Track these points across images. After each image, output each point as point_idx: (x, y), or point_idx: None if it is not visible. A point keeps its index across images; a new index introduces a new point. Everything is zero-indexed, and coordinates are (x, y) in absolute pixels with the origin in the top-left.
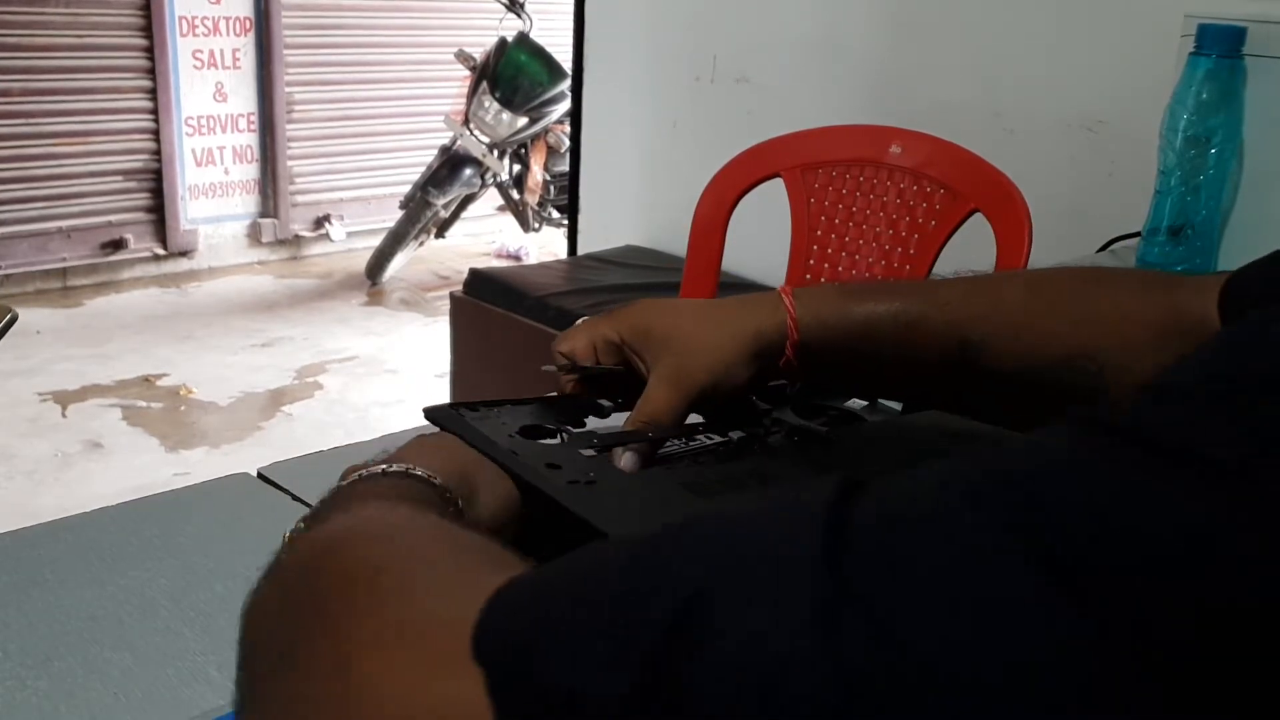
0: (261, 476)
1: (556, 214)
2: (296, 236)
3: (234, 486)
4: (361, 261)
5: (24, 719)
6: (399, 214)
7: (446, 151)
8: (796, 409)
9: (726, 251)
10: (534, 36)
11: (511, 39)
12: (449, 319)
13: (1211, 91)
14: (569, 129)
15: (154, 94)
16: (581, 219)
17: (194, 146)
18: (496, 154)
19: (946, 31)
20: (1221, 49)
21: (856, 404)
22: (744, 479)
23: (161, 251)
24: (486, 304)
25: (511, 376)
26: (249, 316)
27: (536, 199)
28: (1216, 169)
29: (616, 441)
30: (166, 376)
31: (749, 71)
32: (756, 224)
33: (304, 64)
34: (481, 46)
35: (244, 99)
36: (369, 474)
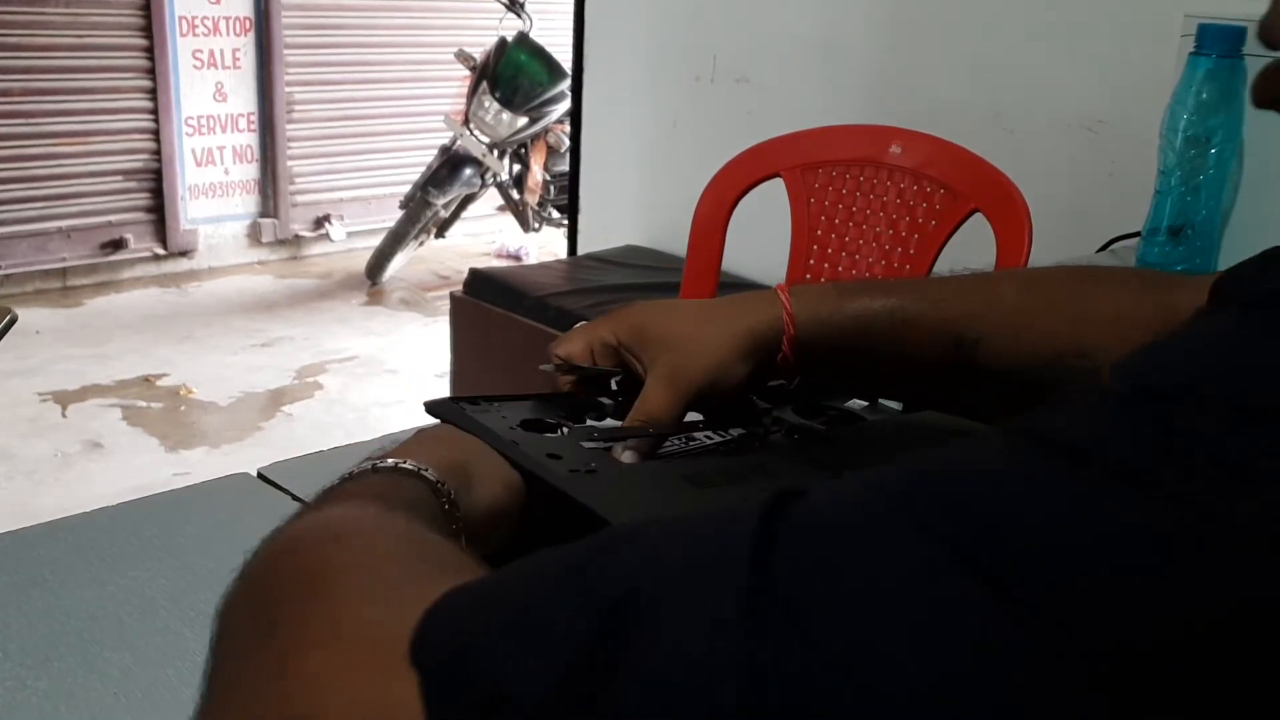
0: (261, 476)
1: (556, 214)
2: (296, 236)
3: (234, 486)
4: (361, 261)
5: (24, 719)
6: (399, 214)
7: (446, 151)
8: (797, 409)
9: (726, 251)
10: (534, 36)
11: (511, 39)
12: (449, 319)
13: (1211, 91)
14: (569, 129)
15: (154, 94)
16: (581, 219)
17: (194, 146)
18: (496, 154)
19: (946, 31)
20: (1221, 49)
21: (857, 404)
22: (744, 473)
23: (161, 251)
24: (486, 304)
25: (511, 376)
26: (249, 316)
27: (536, 199)
28: (1216, 169)
29: (617, 436)
30: (166, 376)
31: (749, 71)
32: (756, 224)
33: (304, 64)
34: (481, 46)
35: (244, 99)
36: (359, 471)
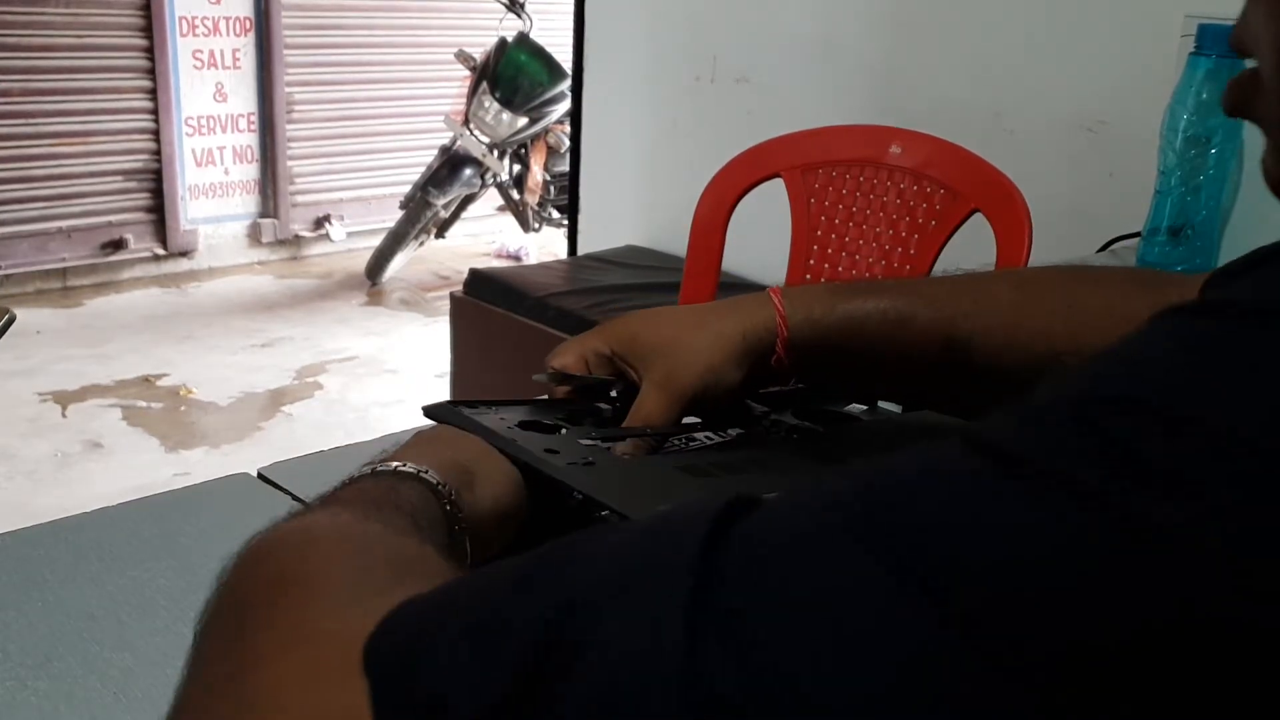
0: (261, 477)
1: (556, 214)
2: (296, 237)
3: (234, 486)
4: (361, 262)
5: (24, 719)
6: (399, 214)
7: (446, 151)
8: (797, 413)
9: (726, 251)
10: (534, 36)
11: (511, 39)
12: (449, 319)
13: (1211, 91)
14: (569, 129)
15: (154, 94)
16: (581, 219)
17: (194, 146)
18: (496, 154)
19: (946, 31)
20: (1221, 49)
21: (857, 408)
22: (741, 465)
23: (161, 251)
24: (486, 304)
25: (511, 376)
26: (249, 317)
27: (536, 199)
28: (1216, 169)
29: (615, 436)
30: (166, 376)
31: (749, 71)
32: (756, 224)
33: (304, 64)
34: (481, 46)
35: (244, 99)
36: (358, 475)
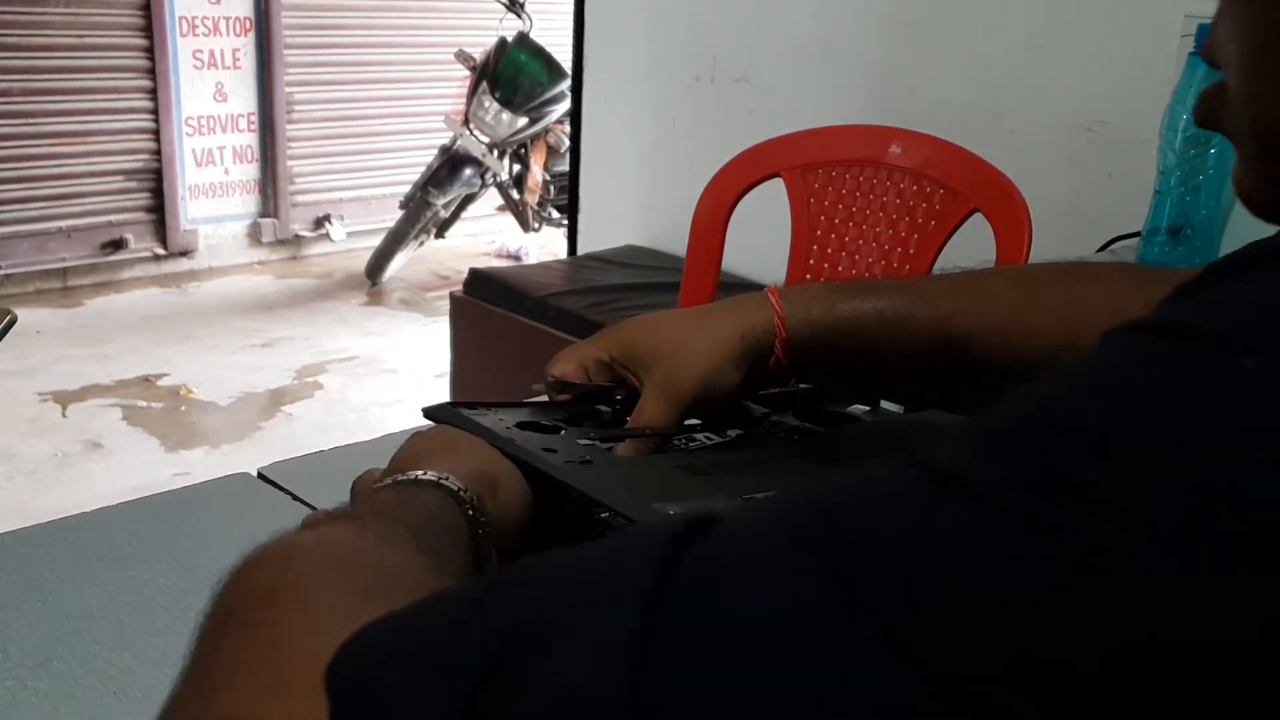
0: (262, 476)
1: (556, 214)
2: (296, 236)
3: (234, 486)
4: (361, 261)
5: (24, 719)
6: (399, 214)
7: (446, 151)
8: (797, 414)
9: (726, 251)
10: (534, 36)
11: (511, 39)
12: (449, 319)
13: None
14: (569, 129)
15: (154, 94)
16: (581, 219)
17: (194, 146)
18: (496, 154)
19: (946, 31)
20: None
21: (858, 409)
22: (740, 465)
23: (162, 251)
24: (486, 304)
25: (511, 376)
26: (249, 316)
27: (536, 199)
28: (1216, 169)
29: (615, 437)
30: (166, 376)
31: (749, 71)
32: (756, 224)
33: (304, 64)
34: (481, 46)
35: (244, 99)
36: (379, 486)
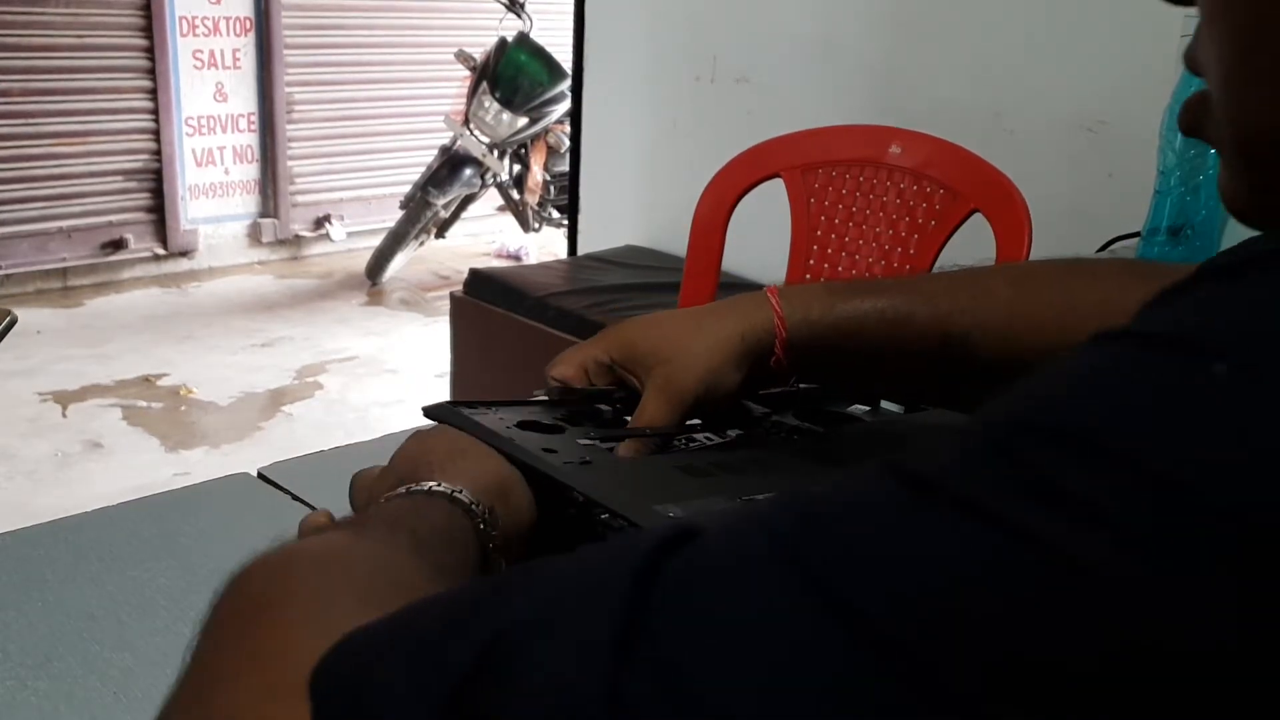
0: (262, 476)
1: (556, 214)
2: (297, 236)
3: (234, 486)
4: (361, 261)
5: (24, 718)
6: (399, 214)
7: (447, 151)
8: (799, 414)
9: (726, 251)
10: (534, 36)
11: (511, 39)
12: (449, 319)
13: None
14: (569, 129)
15: (154, 94)
16: (581, 219)
17: (194, 146)
18: (496, 154)
19: (946, 31)
20: None
21: (859, 409)
22: (740, 465)
23: (162, 251)
24: (486, 304)
25: (512, 376)
26: (249, 316)
27: (536, 199)
28: (1216, 169)
29: (615, 437)
30: (166, 376)
31: (749, 71)
32: (756, 224)
33: (304, 64)
34: (481, 47)
35: (244, 99)
36: (391, 496)
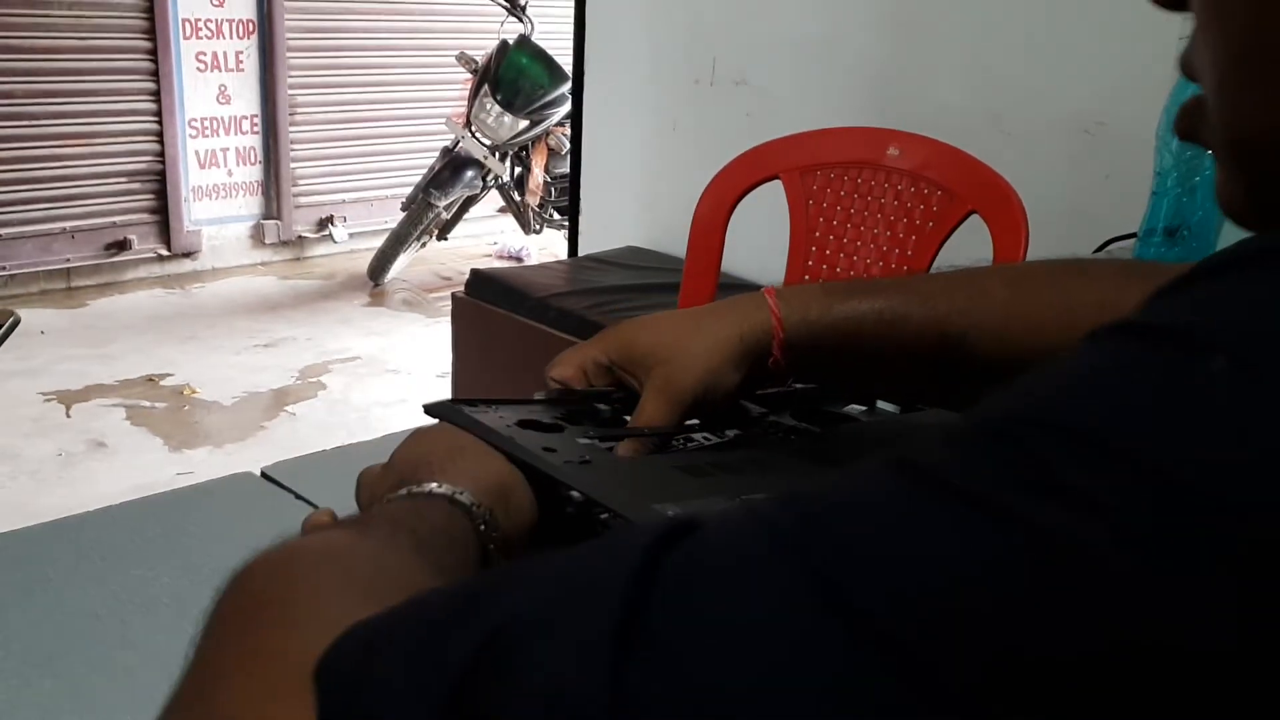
0: (265, 476)
1: (557, 215)
2: (299, 238)
3: (237, 486)
4: (364, 262)
5: (27, 717)
6: (401, 215)
7: (448, 153)
8: (796, 414)
9: (726, 252)
10: (535, 39)
11: (513, 42)
12: (450, 319)
13: None
14: (569, 131)
15: (158, 96)
16: (582, 220)
17: (197, 148)
18: (498, 156)
19: (945, 34)
20: None
21: (855, 409)
22: (739, 465)
23: (165, 252)
24: (488, 305)
25: (512, 377)
26: (252, 317)
27: (537, 200)
28: (1212, 170)
29: (614, 436)
30: (170, 376)
31: (748, 74)
32: (756, 225)
33: (307, 66)
34: (483, 49)
35: (247, 101)
36: (393, 497)
